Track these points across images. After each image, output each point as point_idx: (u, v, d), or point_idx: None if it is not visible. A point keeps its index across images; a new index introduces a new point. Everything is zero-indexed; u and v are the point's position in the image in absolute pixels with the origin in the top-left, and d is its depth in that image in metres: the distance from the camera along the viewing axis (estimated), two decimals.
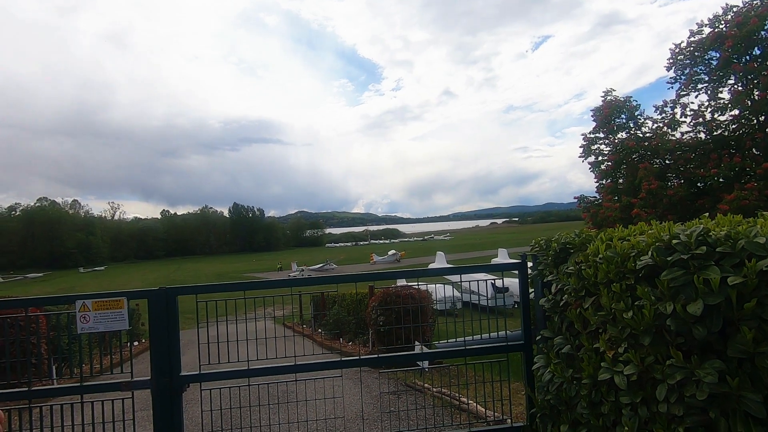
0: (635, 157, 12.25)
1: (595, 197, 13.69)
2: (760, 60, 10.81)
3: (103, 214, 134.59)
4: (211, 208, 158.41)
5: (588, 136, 13.63)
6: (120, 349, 8.35)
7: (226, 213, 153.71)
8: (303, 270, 52.20)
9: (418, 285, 7.91)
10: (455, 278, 4.21)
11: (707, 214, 2.39)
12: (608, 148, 13.10)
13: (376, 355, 3.44)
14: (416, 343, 7.20)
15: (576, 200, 14.29)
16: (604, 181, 13.10)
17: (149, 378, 3.00)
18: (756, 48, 10.81)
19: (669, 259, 1.82)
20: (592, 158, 13.46)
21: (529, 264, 3.49)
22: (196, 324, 3.16)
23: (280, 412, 4.05)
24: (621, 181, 12.66)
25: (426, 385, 5.97)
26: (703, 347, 1.74)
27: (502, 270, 3.73)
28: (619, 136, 13.12)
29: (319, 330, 13.32)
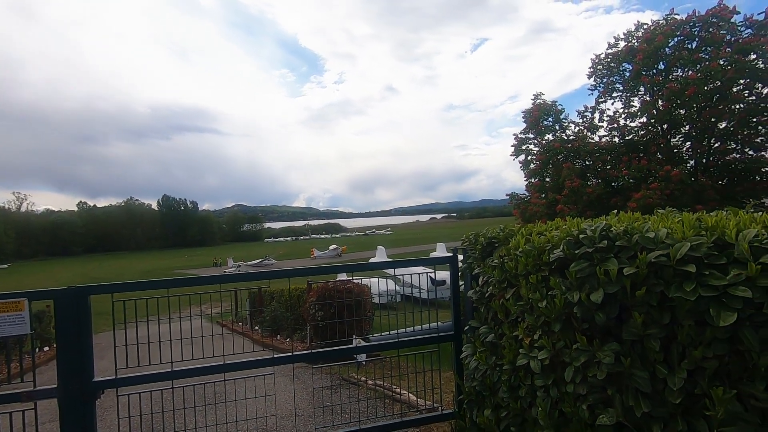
0: (560, 158, 13.20)
1: (525, 194, 14.57)
2: (664, 73, 12.10)
3: (7, 206, 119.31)
4: (137, 200, 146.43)
5: (519, 136, 14.46)
6: (33, 356, 7.53)
7: (154, 205, 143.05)
8: (240, 266, 50.24)
9: (361, 279, 7.96)
10: (395, 271, 4.30)
11: (615, 211, 2.65)
12: (537, 149, 14.00)
13: (309, 351, 3.42)
14: (354, 337, 7.25)
15: (508, 197, 15.13)
16: (532, 180, 13.99)
17: (55, 386, 2.74)
18: (661, 63, 12.09)
19: (577, 252, 1.99)
20: (522, 157, 14.31)
21: (461, 257, 3.64)
22: (112, 326, 2.93)
23: (210, 414, 3.89)
24: (548, 179, 13.59)
25: (362, 378, 6.04)
26: (604, 332, 1.92)
27: (434, 264, 3.85)
28: (546, 137, 14.05)
29: (256, 327, 12.95)
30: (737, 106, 11.13)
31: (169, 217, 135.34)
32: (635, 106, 12.78)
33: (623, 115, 13.05)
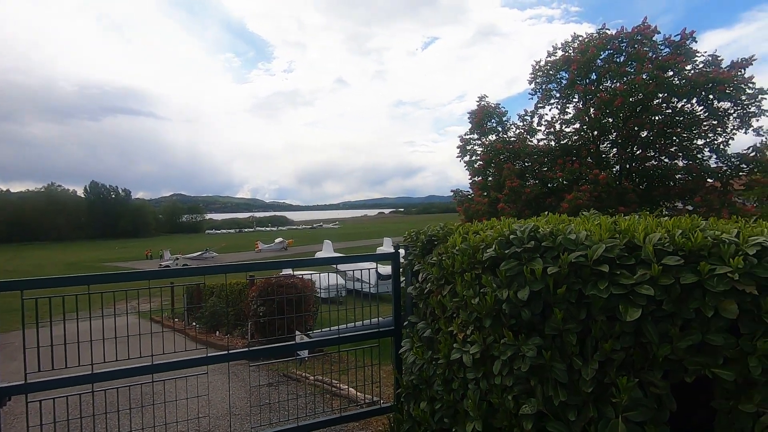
0: (502, 158, 13.79)
1: (468, 192, 15.08)
2: (595, 84, 13.02)
3: None
4: (59, 186, 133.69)
5: (464, 136, 14.92)
6: None
7: (80, 192, 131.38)
8: (177, 259, 47.55)
9: (309, 274, 7.86)
10: (341, 266, 4.28)
11: (547, 212, 2.82)
12: (480, 149, 14.51)
13: (246, 349, 3.32)
14: (297, 333, 7.15)
15: (452, 194, 15.58)
16: (476, 178, 14.50)
17: None
18: (593, 73, 12.98)
19: (507, 252, 2.10)
20: (467, 157, 14.78)
21: (403, 253, 3.71)
22: (22, 325, 2.66)
23: (137, 418, 3.66)
24: (490, 178, 14.15)
25: (304, 374, 5.98)
26: (529, 327, 2.05)
27: (376, 260, 3.89)
28: (490, 138, 14.60)
29: (194, 323, 12.39)
30: (656, 118, 12.25)
31: (98, 205, 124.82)
32: (570, 113, 13.65)
33: (559, 121, 13.91)
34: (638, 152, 12.96)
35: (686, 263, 1.70)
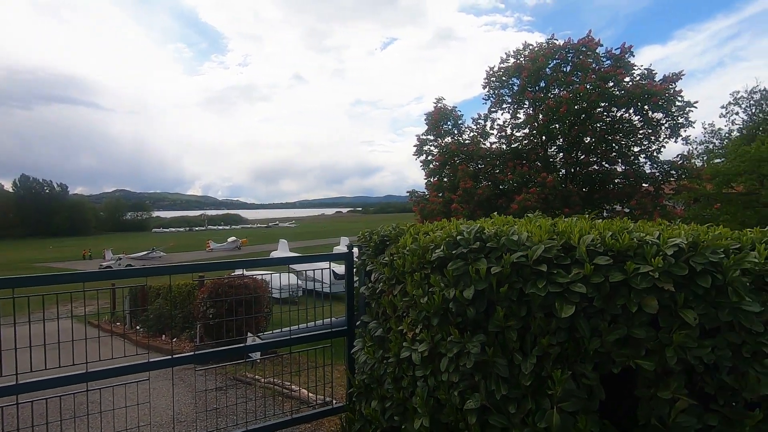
0: (456, 160, 14.16)
1: (424, 192, 15.34)
2: (544, 91, 13.68)
3: None
4: None
5: (421, 137, 15.16)
6: None
7: (9, 186, 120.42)
8: (121, 259, 44.76)
9: (263, 274, 7.67)
10: (297, 266, 4.22)
11: (497, 212, 2.94)
12: (436, 150, 14.82)
13: (192, 353, 3.20)
14: (248, 334, 6.96)
15: (408, 194, 15.79)
16: (431, 179, 14.78)
17: None
18: (542, 81, 13.63)
19: (454, 252, 2.17)
20: (423, 157, 15.03)
21: (357, 253, 3.72)
22: None
23: (70, 430, 3.42)
24: (445, 179, 14.48)
25: (256, 376, 5.84)
26: (474, 324, 2.13)
27: (330, 260, 3.88)
28: (446, 140, 14.94)
29: (138, 327, 11.74)
30: (598, 125, 13.09)
31: (28, 200, 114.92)
32: (521, 118, 14.27)
33: (510, 125, 14.50)
34: (582, 157, 13.77)
35: (615, 263, 1.83)
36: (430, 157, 14.92)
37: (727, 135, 22.72)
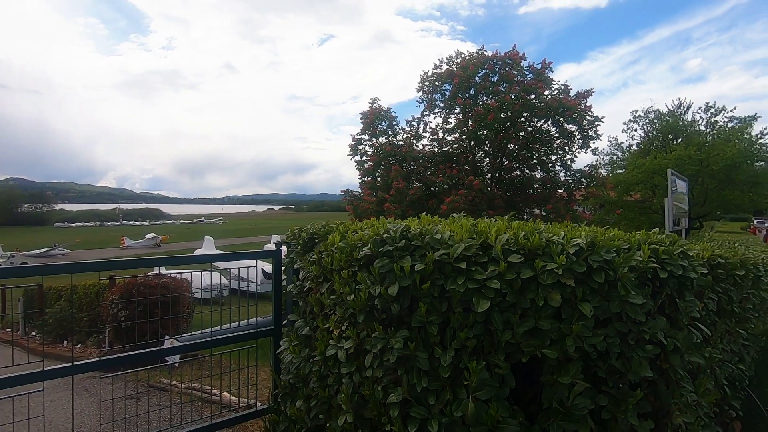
0: (390, 161, 14.41)
1: (358, 191, 15.41)
2: (474, 98, 14.39)
3: None
4: None
5: (356, 137, 15.21)
6: None
7: None
8: (14, 256, 39.43)
9: (186, 273, 7.20)
10: (224, 264, 4.01)
11: (425, 212, 3.04)
12: (371, 150, 14.96)
13: (97, 359, 2.92)
14: (166, 337, 6.51)
15: (343, 193, 15.77)
16: (365, 178, 14.89)
17: None
18: (472, 89, 14.34)
19: (380, 250, 2.22)
20: (358, 157, 15.10)
21: (285, 251, 3.63)
22: None
23: None
24: (379, 179, 14.66)
25: (174, 382, 5.48)
26: (398, 320, 2.18)
27: (256, 258, 3.75)
28: (380, 140, 15.14)
29: (34, 333, 10.46)
30: (521, 134, 14.08)
31: None
32: (452, 123, 14.90)
33: (442, 129, 15.08)
34: (506, 163, 14.72)
35: (526, 260, 1.99)
36: (364, 157, 15.03)
37: (627, 149, 25.55)
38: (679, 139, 22.61)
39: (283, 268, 3.67)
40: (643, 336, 1.97)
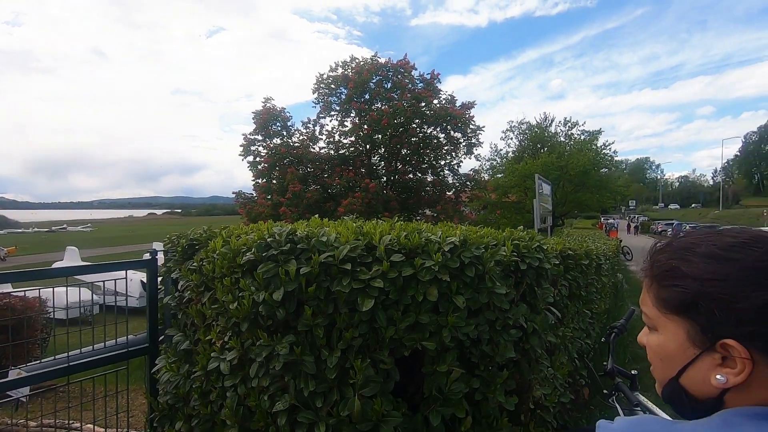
0: (286, 162, 14.05)
1: (252, 194, 14.72)
2: (368, 103, 14.78)
3: None
4: None
5: (248, 136, 14.53)
6: None
7: None
8: None
9: (41, 290, 6.05)
10: (90, 277, 3.49)
11: (317, 215, 3.01)
12: (265, 151, 14.41)
13: None
14: (11, 368, 5.45)
15: (235, 195, 14.92)
16: (260, 180, 14.30)
17: None
18: (367, 93, 14.72)
19: (265, 254, 2.14)
20: (251, 158, 14.42)
21: (162, 260, 3.31)
22: None
23: None
24: (274, 181, 14.20)
25: (21, 420, 4.61)
26: (284, 326, 2.13)
27: (126, 268, 3.34)
28: (275, 141, 14.67)
29: None
30: (413, 139, 14.85)
31: None
32: (347, 126, 15.11)
33: (338, 132, 15.20)
34: (400, 167, 15.39)
35: (407, 259, 2.09)
36: (258, 158, 14.43)
37: (505, 155, 28.63)
38: (545, 148, 26.07)
39: (160, 278, 3.33)
40: (508, 322, 2.22)
